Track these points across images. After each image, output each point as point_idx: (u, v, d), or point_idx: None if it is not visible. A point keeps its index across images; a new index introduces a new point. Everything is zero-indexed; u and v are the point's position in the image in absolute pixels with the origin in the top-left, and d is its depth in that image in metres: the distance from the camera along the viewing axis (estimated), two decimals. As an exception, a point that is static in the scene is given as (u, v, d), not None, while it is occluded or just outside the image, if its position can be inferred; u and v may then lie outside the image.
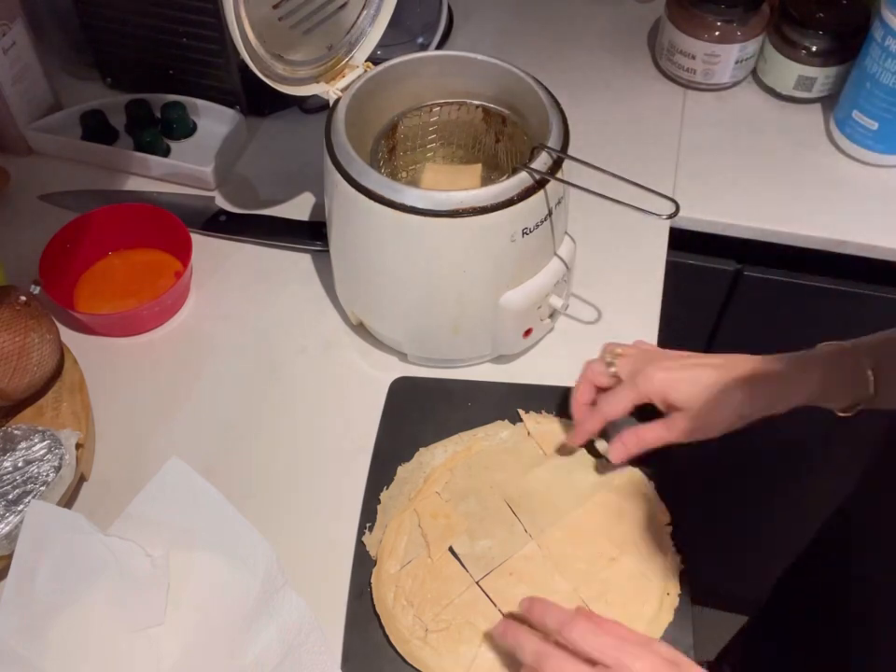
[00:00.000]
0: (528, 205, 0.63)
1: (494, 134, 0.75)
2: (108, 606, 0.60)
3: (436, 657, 0.58)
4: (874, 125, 0.87)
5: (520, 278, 0.68)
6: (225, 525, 0.63)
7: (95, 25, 0.92)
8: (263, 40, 0.67)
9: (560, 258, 0.70)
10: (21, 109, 0.89)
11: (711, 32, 0.93)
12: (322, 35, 0.72)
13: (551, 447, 0.68)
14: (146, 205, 0.82)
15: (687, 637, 0.59)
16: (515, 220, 0.63)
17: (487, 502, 0.65)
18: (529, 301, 0.69)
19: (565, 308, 0.72)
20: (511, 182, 0.62)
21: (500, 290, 0.68)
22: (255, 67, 0.67)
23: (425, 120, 0.75)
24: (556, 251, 0.70)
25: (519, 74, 0.70)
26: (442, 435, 0.69)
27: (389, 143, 0.74)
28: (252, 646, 0.58)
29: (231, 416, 0.73)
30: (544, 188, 0.63)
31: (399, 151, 0.76)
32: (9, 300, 0.67)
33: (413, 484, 0.66)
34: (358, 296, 0.75)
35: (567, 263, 0.71)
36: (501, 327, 0.70)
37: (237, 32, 0.64)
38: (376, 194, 0.62)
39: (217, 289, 0.82)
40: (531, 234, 0.65)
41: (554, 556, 0.62)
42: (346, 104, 0.68)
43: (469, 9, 1.08)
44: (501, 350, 0.74)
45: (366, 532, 0.64)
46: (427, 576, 0.61)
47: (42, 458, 0.64)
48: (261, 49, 0.67)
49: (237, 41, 0.64)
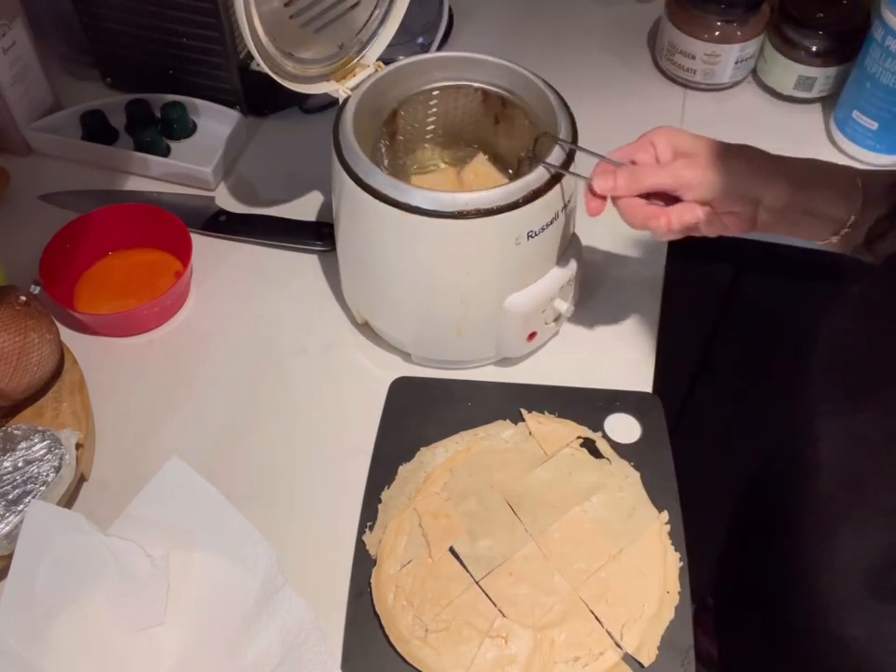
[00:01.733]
0: (534, 208, 0.63)
1: (494, 116, 0.75)
2: (108, 606, 0.60)
3: (436, 657, 0.58)
4: (874, 125, 0.87)
5: (525, 281, 0.68)
6: (225, 525, 0.63)
7: (95, 25, 0.92)
8: (273, 38, 0.67)
9: (566, 261, 0.70)
10: (21, 109, 0.89)
11: (711, 32, 0.93)
12: (333, 34, 0.72)
13: (552, 447, 0.68)
14: (146, 205, 0.82)
15: (687, 634, 0.59)
16: (521, 223, 0.63)
17: (488, 502, 0.65)
18: (534, 304, 0.69)
19: (570, 312, 0.72)
20: (517, 185, 0.62)
21: (505, 293, 0.68)
22: (265, 64, 0.66)
23: (424, 104, 0.75)
24: (562, 254, 0.70)
25: (529, 76, 0.70)
26: (443, 434, 0.69)
27: (391, 128, 0.74)
28: (252, 646, 0.58)
29: (231, 416, 0.73)
30: (551, 189, 0.63)
31: (400, 136, 0.76)
32: (9, 300, 0.67)
33: (414, 484, 0.66)
34: (363, 294, 0.75)
35: (573, 267, 0.70)
36: (505, 330, 0.70)
37: (247, 29, 0.64)
38: (382, 194, 0.62)
39: (217, 289, 0.82)
40: (536, 237, 0.65)
41: (554, 556, 0.62)
42: (356, 103, 0.68)
43: (470, 9, 1.08)
44: (505, 353, 0.74)
45: (366, 531, 0.64)
46: (427, 576, 0.61)
47: (42, 458, 0.64)
48: (272, 47, 0.67)
49: (247, 38, 0.64)
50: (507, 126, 0.75)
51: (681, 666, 0.58)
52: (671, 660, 0.58)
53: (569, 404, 0.71)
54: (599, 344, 0.76)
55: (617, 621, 0.59)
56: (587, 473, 0.67)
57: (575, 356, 0.76)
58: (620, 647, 0.59)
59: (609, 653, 0.58)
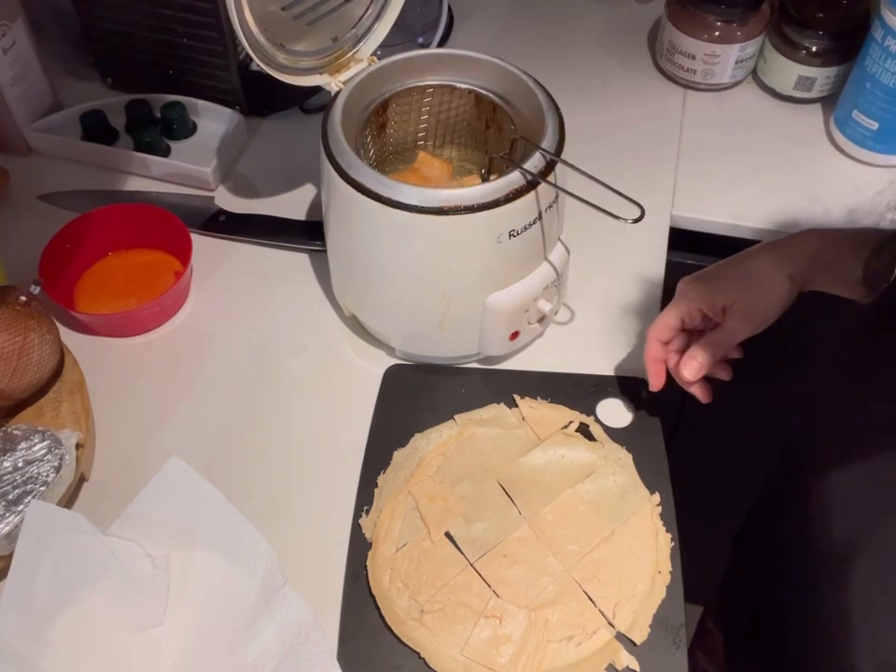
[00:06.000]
0: (516, 207, 0.63)
1: (485, 121, 0.75)
2: (108, 606, 0.60)
3: (431, 637, 0.59)
4: (874, 125, 0.87)
5: (507, 280, 0.68)
6: (225, 525, 0.63)
7: (95, 25, 0.92)
8: (265, 29, 0.66)
9: (550, 262, 0.70)
10: (21, 109, 0.89)
11: (711, 32, 0.93)
12: (327, 27, 0.72)
13: (545, 432, 0.69)
14: (146, 205, 0.82)
15: (679, 613, 0.61)
16: (502, 221, 0.63)
17: (482, 485, 0.66)
18: (516, 303, 0.69)
19: (554, 313, 0.72)
20: (499, 183, 0.62)
21: (487, 291, 0.68)
22: (255, 55, 0.66)
23: (417, 101, 0.75)
24: (547, 255, 0.69)
25: (519, 74, 0.69)
26: (437, 420, 0.70)
27: (380, 119, 0.74)
28: (252, 646, 0.58)
29: (231, 416, 0.73)
30: (534, 190, 0.63)
31: (390, 130, 0.76)
32: (9, 300, 0.67)
33: (409, 469, 0.67)
34: (349, 287, 0.75)
35: (557, 268, 0.70)
36: (488, 327, 0.70)
37: (237, 19, 0.63)
38: (364, 187, 0.62)
39: (217, 289, 0.82)
40: (519, 237, 0.64)
41: (548, 538, 0.63)
42: (346, 96, 0.68)
43: (470, 9, 1.08)
44: (488, 351, 0.74)
45: (362, 515, 0.65)
46: (422, 558, 0.62)
47: (42, 458, 0.64)
48: (262, 38, 0.67)
49: (237, 28, 0.64)
50: (496, 131, 0.75)
51: (673, 644, 0.59)
52: (663, 638, 0.60)
53: (561, 390, 0.72)
54: (592, 347, 0.77)
55: (609, 600, 0.61)
56: (580, 456, 0.68)
57: (562, 359, 0.76)
58: (612, 626, 0.60)
59: (602, 632, 0.60)
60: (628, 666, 0.58)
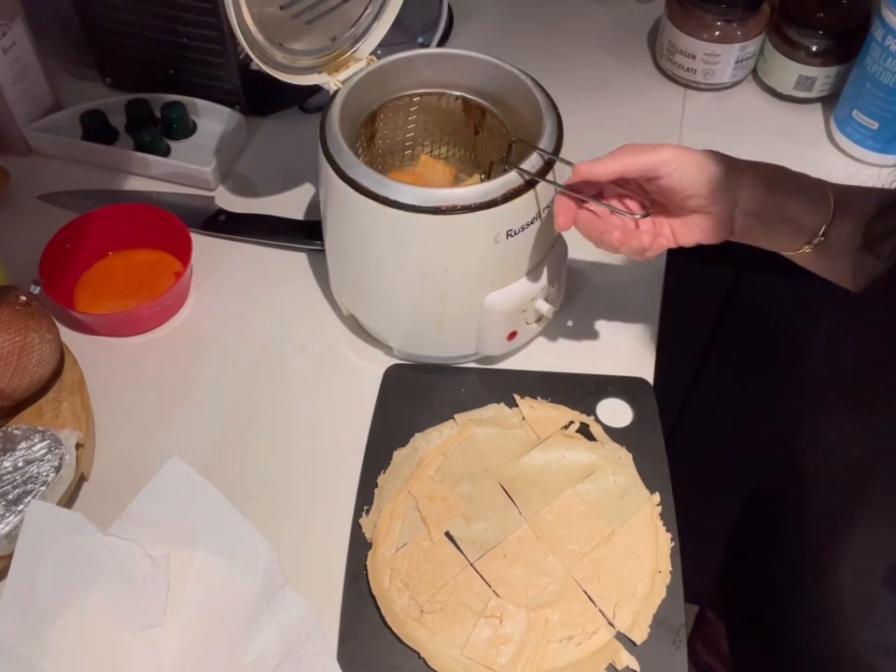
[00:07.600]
0: (514, 207, 0.63)
1: (473, 126, 0.75)
2: (108, 606, 0.60)
3: (431, 637, 0.59)
4: (874, 125, 0.87)
5: (505, 280, 0.68)
6: (225, 525, 0.63)
7: (95, 25, 0.92)
8: (263, 28, 0.66)
9: (548, 262, 0.69)
10: (21, 109, 0.89)
11: (711, 32, 0.93)
12: (326, 26, 0.72)
13: (545, 431, 0.69)
14: (146, 205, 0.82)
15: (679, 613, 0.61)
16: (499, 221, 0.63)
17: (482, 485, 0.66)
18: (514, 303, 0.69)
19: (552, 313, 0.72)
20: (497, 182, 0.62)
21: (484, 290, 0.67)
22: (253, 54, 0.66)
23: (405, 110, 0.75)
24: (545, 255, 0.69)
25: (517, 74, 0.69)
26: (437, 420, 0.70)
27: (368, 131, 0.74)
28: (252, 646, 0.58)
29: (231, 416, 0.73)
30: (532, 189, 0.63)
31: (378, 140, 0.76)
32: (9, 300, 0.67)
33: (409, 469, 0.67)
34: (347, 287, 0.75)
35: (555, 269, 0.70)
36: (485, 327, 0.70)
37: (235, 19, 0.63)
38: (362, 186, 0.62)
39: (217, 289, 0.82)
40: (516, 237, 0.64)
41: (548, 538, 0.63)
42: (344, 95, 0.68)
43: (469, 9, 1.08)
44: (486, 351, 0.74)
45: (362, 515, 0.65)
46: (422, 558, 0.62)
47: (42, 458, 0.64)
48: (260, 37, 0.67)
49: (235, 27, 0.64)
50: (486, 136, 0.75)
51: (673, 644, 0.59)
52: (663, 638, 0.60)
53: (562, 389, 0.72)
54: (590, 349, 0.77)
55: (610, 600, 0.61)
56: (580, 456, 0.68)
57: (560, 361, 0.76)
58: (612, 626, 0.60)
59: (602, 632, 0.60)
60: (628, 666, 0.58)
